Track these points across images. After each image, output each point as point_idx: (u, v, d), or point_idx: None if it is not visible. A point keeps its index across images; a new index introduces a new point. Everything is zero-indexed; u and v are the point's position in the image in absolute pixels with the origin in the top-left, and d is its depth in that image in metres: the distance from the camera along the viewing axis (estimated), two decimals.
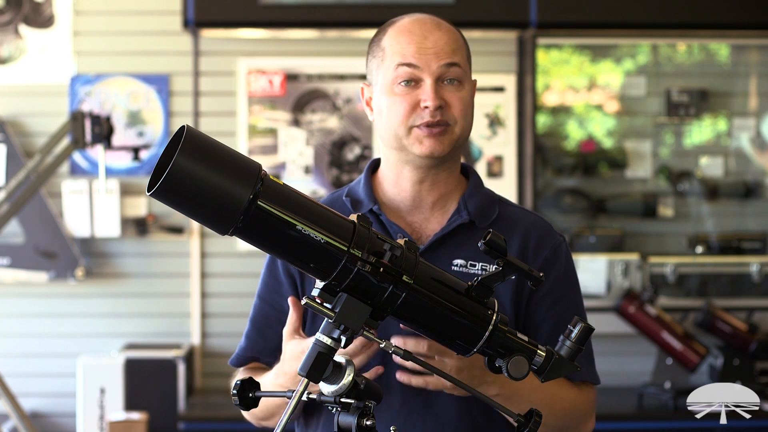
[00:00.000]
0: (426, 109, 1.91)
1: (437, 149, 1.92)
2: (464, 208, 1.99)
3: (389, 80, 1.94)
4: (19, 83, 4.85)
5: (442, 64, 1.92)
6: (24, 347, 4.85)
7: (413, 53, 1.92)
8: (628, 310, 4.54)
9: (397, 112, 1.92)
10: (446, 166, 1.98)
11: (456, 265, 1.95)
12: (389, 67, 1.94)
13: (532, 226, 2.02)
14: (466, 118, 1.95)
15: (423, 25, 1.94)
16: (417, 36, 1.93)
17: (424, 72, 1.91)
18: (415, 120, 1.92)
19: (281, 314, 2.02)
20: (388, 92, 1.94)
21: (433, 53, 1.92)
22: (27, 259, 4.78)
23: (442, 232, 1.97)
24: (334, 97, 4.89)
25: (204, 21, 4.64)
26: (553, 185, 5.06)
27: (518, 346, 1.64)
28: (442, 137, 1.92)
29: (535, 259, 1.98)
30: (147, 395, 4.53)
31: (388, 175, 2.02)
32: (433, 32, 1.94)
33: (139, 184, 4.85)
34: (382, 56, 1.96)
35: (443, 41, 1.93)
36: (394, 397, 1.93)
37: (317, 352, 1.55)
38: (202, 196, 1.48)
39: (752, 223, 5.11)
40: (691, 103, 5.00)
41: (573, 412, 2.00)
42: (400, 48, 1.93)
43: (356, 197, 2.03)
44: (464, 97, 1.94)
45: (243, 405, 1.67)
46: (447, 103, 1.92)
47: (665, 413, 4.40)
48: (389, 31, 1.97)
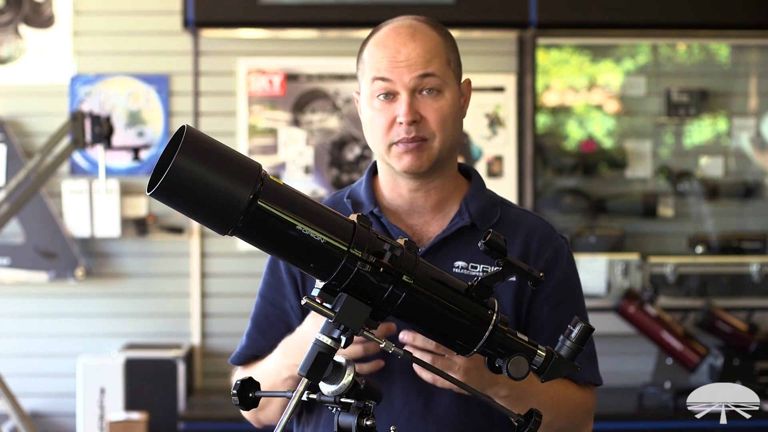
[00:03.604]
0: (401, 125, 1.90)
1: (415, 165, 1.92)
2: (466, 210, 1.99)
3: (369, 94, 1.95)
4: (19, 83, 4.85)
5: (415, 76, 1.90)
6: (24, 347, 4.85)
7: (386, 67, 1.91)
8: (628, 310, 4.54)
9: (377, 127, 1.93)
10: (438, 175, 1.98)
11: (457, 267, 1.95)
12: (367, 80, 1.95)
13: (533, 229, 2.01)
14: (445, 129, 1.93)
15: (397, 37, 1.93)
16: (390, 49, 1.92)
17: (397, 85, 1.91)
18: (392, 137, 1.92)
19: (283, 313, 2.02)
20: (369, 105, 1.95)
21: (405, 66, 1.90)
22: (27, 259, 4.78)
23: (443, 235, 1.97)
24: (334, 97, 4.89)
25: (204, 21, 4.63)
26: (553, 185, 5.06)
27: (518, 346, 1.64)
28: (420, 153, 1.91)
29: (537, 262, 1.98)
30: (147, 395, 4.53)
31: (385, 181, 2.02)
32: (407, 44, 1.92)
33: (139, 184, 4.85)
34: (363, 68, 1.97)
35: (416, 53, 1.91)
36: (395, 399, 1.93)
37: (317, 352, 1.55)
38: (202, 196, 1.48)
39: (752, 223, 5.11)
40: (691, 103, 5.00)
41: (578, 413, 2.01)
42: (374, 62, 1.93)
43: (357, 199, 2.03)
44: (442, 108, 1.92)
45: (243, 405, 1.67)
46: (423, 117, 1.91)
47: (665, 413, 4.40)
48: (369, 44, 1.97)
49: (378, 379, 1.91)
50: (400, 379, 1.93)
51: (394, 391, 1.93)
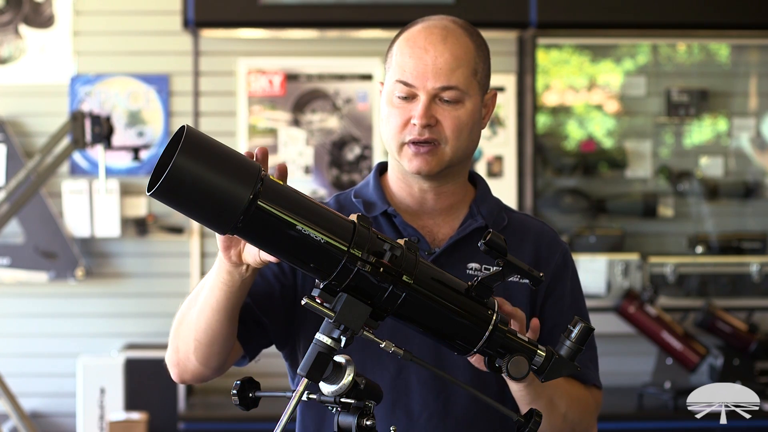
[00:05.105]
0: (415, 126, 1.89)
1: (424, 168, 1.90)
2: (477, 212, 1.99)
3: (389, 91, 1.93)
4: (19, 83, 4.85)
5: (437, 86, 1.89)
6: (24, 347, 4.85)
7: (411, 70, 1.89)
8: (628, 310, 4.54)
9: (392, 125, 1.92)
10: (449, 179, 1.97)
11: (471, 269, 1.94)
12: (391, 78, 1.93)
13: (541, 234, 2.03)
14: (459, 138, 1.91)
15: (428, 37, 1.91)
16: (419, 49, 1.90)
17: (419, 89, 1.89)
18: (405, 136, 1.90)
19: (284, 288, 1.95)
20: (388, 101, 1.93)
21: (432, 72, 1.89)
22: (27, 259, 4.78)
23: (458, 236, 1.96)
24: (334, 97, 4.89)
25: (204, 21, 4.64)
26: (553, 185, 5.06)
27: (518, 346, 1.64)
28: (430, 157, 1.90)
29: (548, 266, 1.99)
30: (147, 395, 4.53)
31: (396, 180, 2.01)
32: (437, 46, 1.90)
33: (139, 184, 4.85)
34: (389, 63, 1.96)
35: (443, 58, 1.90)
36: (414, 403, 1.92)
37: (317, 352, 1.55)
38: (202, 196, 1.48)
39: (752, 223, 5.11)
40: (691, 103, 5.01)
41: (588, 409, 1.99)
42: (401, 61, 1.91)
43: (367, 198, 2.01)
44: (460, 116, 1.90)
45: (243, 405, 1.67)
46: (438, 121, 1.90)
47: (665, 413, 4.40)
48: (400, 39, 1.95)
49: (395, 383, 1.91)
50: (418, 384, 1.92)
51: (413, 395, 1.92)
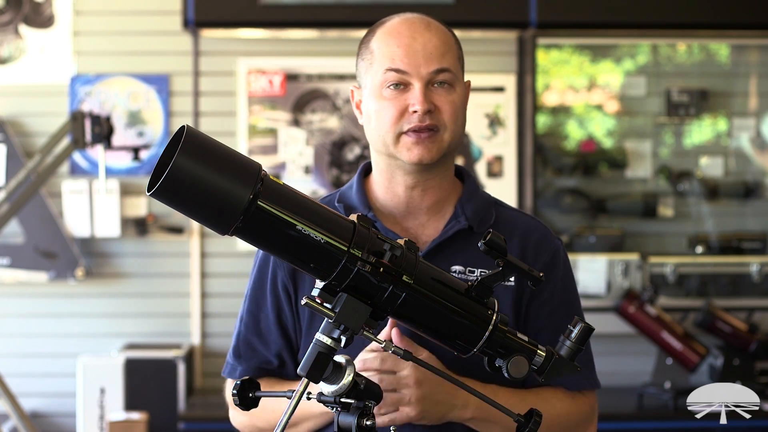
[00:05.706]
0: (414, 113, 1.86)
1: (426, 156, 1.88)
2: (461, 213, 1.96)
3: (378, 84, 1.89)
4: (19, 83, 4.85)
5: (432, 70, 1.87)
6: (24, 347, 4.85)
7: (402, 57, 1.87)
8: (628, 310, 4.53)
9: (385, 117, 1.88)
10: (438, 172, 1.94)
11: (455, 272, 1.92)
12: (378, 70, 1.90)
13: (530, 230, 1.99)
14: (456, 122, 1.90)
15: (412, 26, 1.90)
16: (406, 38, 1.88)
17: (413, 77, 1.87)
18: (403, 125, 1.87)
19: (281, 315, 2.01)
20: (377, 96, 1.90)
21: (423, 57, 1.87)
22: (27, 259, 4.78)
23: (440, 239, 1.94)
24: (334, 97, 4.89)
25: (204, 21, 4.63)
26: (553, 185, 5.06)
27: (518, 346, 1.64)
28: (431, 144, 1.88)
29: (535, 264, 1.94)
30: (147, 395, 4.53)
31: (380, 180, 1.98)
32: (423, 33, 1.89)
33: (139, 184, 4.85)
34: (370, 59, 1.92)
35: (432, 44, 1.88)
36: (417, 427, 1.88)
37: (317, 352, 1.55)
38: (202, 196, 1.48)
39: (752, 223, 5.11)
40: (691, 103, 5.00)
41: (566, 424, 1.96)
42: (388, 51, 1.88)
43: (349, 203, 2.00)
44: (455, 101, 1.89)
45: (243, 405, 1.66)
46: (437, 107, 1.88)
47: (665, 413, 4.39)
48: (378, 33, 1.92)
49: None
50: None
51: None
